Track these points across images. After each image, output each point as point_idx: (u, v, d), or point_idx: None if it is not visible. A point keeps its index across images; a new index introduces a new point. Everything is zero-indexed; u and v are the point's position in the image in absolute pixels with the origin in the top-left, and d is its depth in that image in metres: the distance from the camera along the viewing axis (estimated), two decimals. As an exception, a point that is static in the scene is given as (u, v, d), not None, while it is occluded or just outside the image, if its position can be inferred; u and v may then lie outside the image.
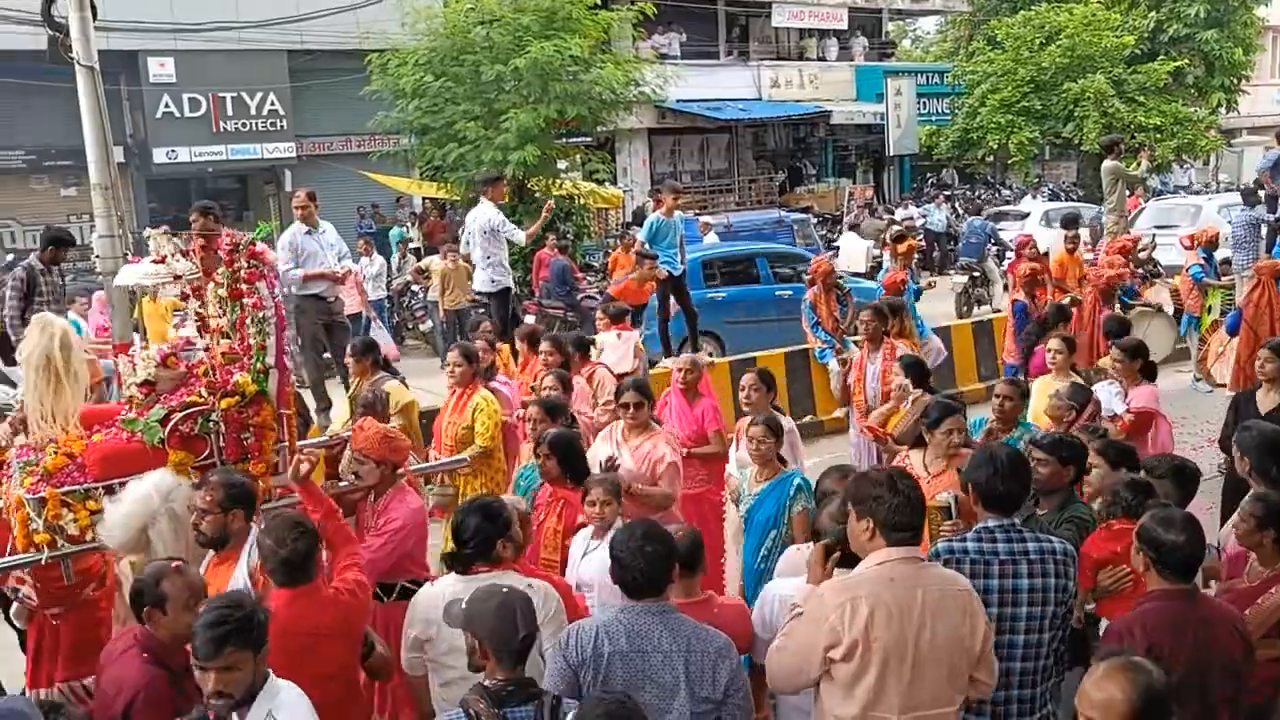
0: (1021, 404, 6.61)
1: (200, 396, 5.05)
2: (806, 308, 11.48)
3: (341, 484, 5.55)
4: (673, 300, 11.55)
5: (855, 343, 11.24)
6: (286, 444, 5.31)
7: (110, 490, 4.82)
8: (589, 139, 22.48)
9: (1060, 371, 7.64)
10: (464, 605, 3.63)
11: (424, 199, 26.23)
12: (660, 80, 21.39)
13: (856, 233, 23.41)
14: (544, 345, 8.15)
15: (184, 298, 5.49)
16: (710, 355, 12.44)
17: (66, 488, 4.77)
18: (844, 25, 34.67)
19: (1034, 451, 5.18)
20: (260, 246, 5.24)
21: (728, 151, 33.56)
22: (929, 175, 36.97)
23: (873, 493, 3.73)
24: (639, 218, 23.43)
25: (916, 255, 14.85)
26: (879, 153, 34.96)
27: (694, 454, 7.03)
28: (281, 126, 25.67)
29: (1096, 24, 29.21)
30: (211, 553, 4.54)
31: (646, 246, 10.78)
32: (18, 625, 5.25)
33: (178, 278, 5.43)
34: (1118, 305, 11.68)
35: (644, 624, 3.81)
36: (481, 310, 15.96)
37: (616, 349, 9.32)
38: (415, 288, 17.88)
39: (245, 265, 5.12)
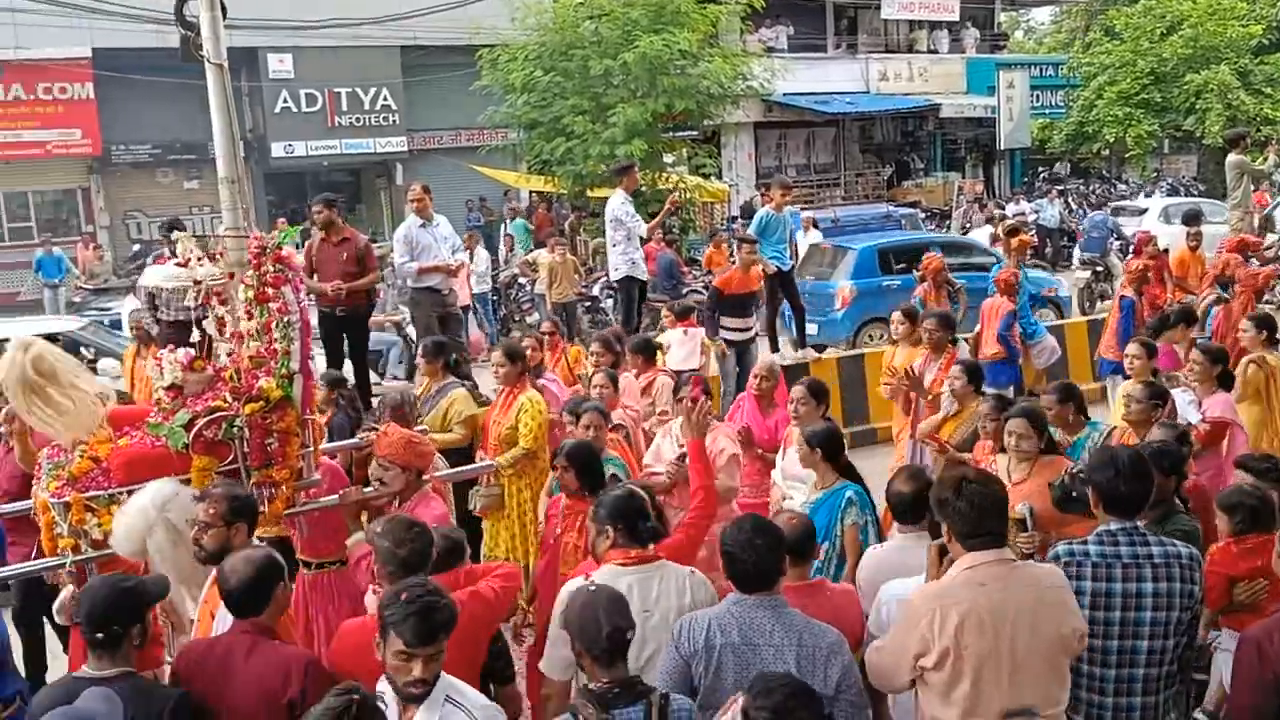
0: (1062, 407, 6.20)
1: (225, 401, 4.96)
2: (915, 304, 11.32)
3: (367, 490, 5.40)
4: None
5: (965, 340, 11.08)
6: (311, 449, 5.23)
7: None
8: (695, 133, 22.51)
9: (1139, 377, 7.25)
10: (566, 603, 3.68)
11: (530, 192, 26.54)
12: (768, 74, 21.33)
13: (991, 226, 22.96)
14: (594, 346, 7.92)
15: (204, 302, 5.38)
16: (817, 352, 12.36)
17: (91, 492, 4.73)
18: (955, 16, 34.06)
19: None
20: (287, 250, 5.16)
21: (834, 145, 33.26)
22: (1040, 169, 36.14)
23: (941, 497, 3.72)
24: (746, 212, 23.39)
25: (1029, 251, 14.54)
26: (989, 146, 34.26)
27: (765, 455, 6.82)
28: (394, 121, 26.30)
29: (1221, 13, 28.23)
30: (215, 570, 4.23)
31: (738, 230, 10.72)
32: (60, 621, 5.20)
33: (198, 283, 5.36)
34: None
35: (755, 617, 3.80)
36: (588, 304, 16.18)
37: (683, 345, 9.11)
38: (522, 280, 18.07)
39: (272, 269, 5.02)
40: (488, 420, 7.13)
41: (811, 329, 13.22)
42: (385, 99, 26.04)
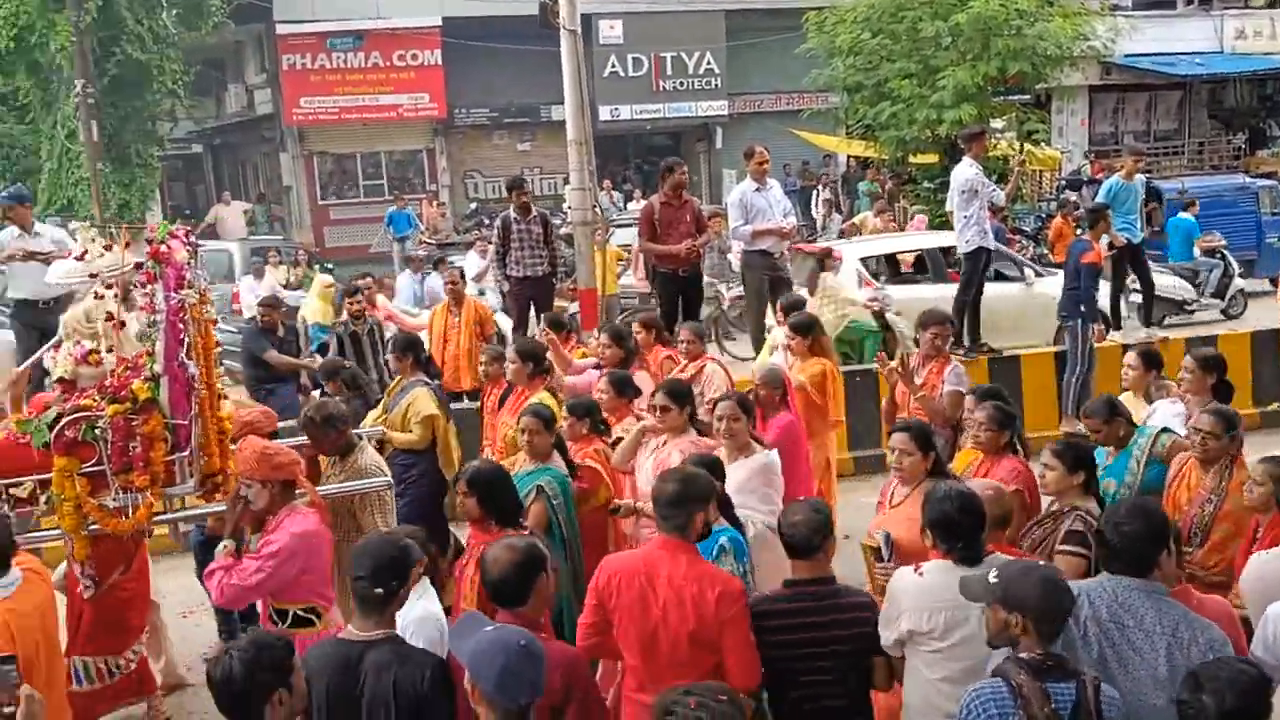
0: (1104, 428, 5.67)
1: (94, 400, 4.81)
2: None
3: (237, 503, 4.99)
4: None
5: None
6: (186, 454, 5.01)
7: None
8: (1026, 96, 21.51)
9: (1135, 389, 6.62)
10: (992, 580, 3.60)
11: (849, 157, 26.28)
12: (1111, 33, 20.06)
13: None
14: (601, 338, 7.36)
15: (98, 297, 5.30)
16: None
17: None
18: (1330, -35, 30.73)
19: None
20: (172, 246, 4.91)
21: (1178, 110, 30.84)
22: None
23: None
24: (1074, 183, 22.25)
25: None
26: (1363, 113, 30.83)
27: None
28: (716, 85, 26.72)
29: None
30: None
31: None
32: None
33: (93, 275, 5.25)
34: None
35: (1128, 598, 3.66)
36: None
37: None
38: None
39: (147, 264, 4.86)
40: (495, 420, 6.89)
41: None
42: (709, 62, 26.47)
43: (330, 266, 18.84)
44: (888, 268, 12.96)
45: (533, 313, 10.06)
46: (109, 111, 21.72)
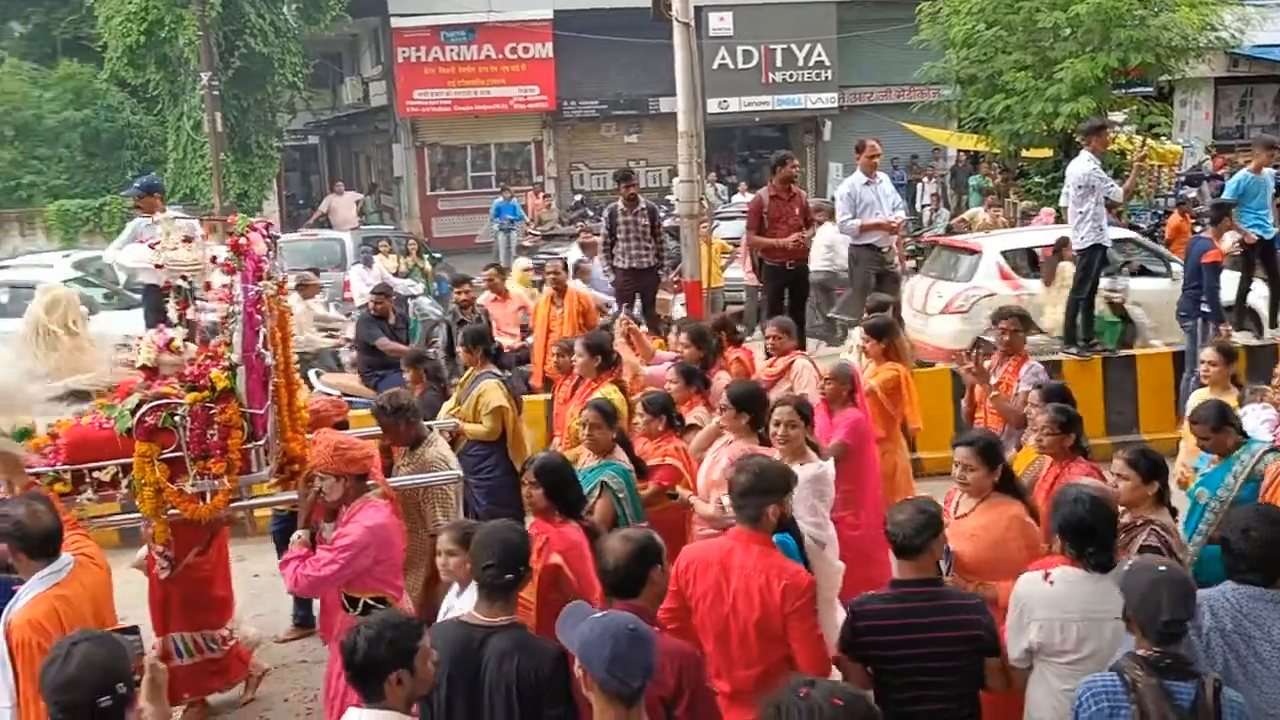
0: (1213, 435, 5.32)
1: (174, 388, 4.94)
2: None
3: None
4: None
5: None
6: (262, 443, 5.10)
7: (79, 476, 4.85)
8: (1148, 89, 20.89)
9: (1216, 385, 6.38)
10: (1127, 569, 3.57)
11: (959, 151, 25.85)
12: (1240, 23, 19.36)
13: None
14: (682, 338, 7.20)
15: (166, 287, 5.44)
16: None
17: (38, 468, 4.81)
18: None
19: None
20: (251, 238, 4.98)
21: (1310, 104, 29.66)
22: None
23: None
24: (1194, 179, 21.60)
25: None
26: None
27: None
28: (826, 78, 26.53)
29: None
30: None
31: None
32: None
33: (159, 266, 5.36)
34: None
35: (1254, 608, 3.59)
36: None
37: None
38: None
39: (225, 255, 4.95)
40: (563, 411, 6.89)
41: None
42: (819, 55, 26.33)
43: (439, 256, 19.17)
44: (1026, 261, 12.59)
45: (638, 304, 10.13)
46: (231, 104, 22.46)
